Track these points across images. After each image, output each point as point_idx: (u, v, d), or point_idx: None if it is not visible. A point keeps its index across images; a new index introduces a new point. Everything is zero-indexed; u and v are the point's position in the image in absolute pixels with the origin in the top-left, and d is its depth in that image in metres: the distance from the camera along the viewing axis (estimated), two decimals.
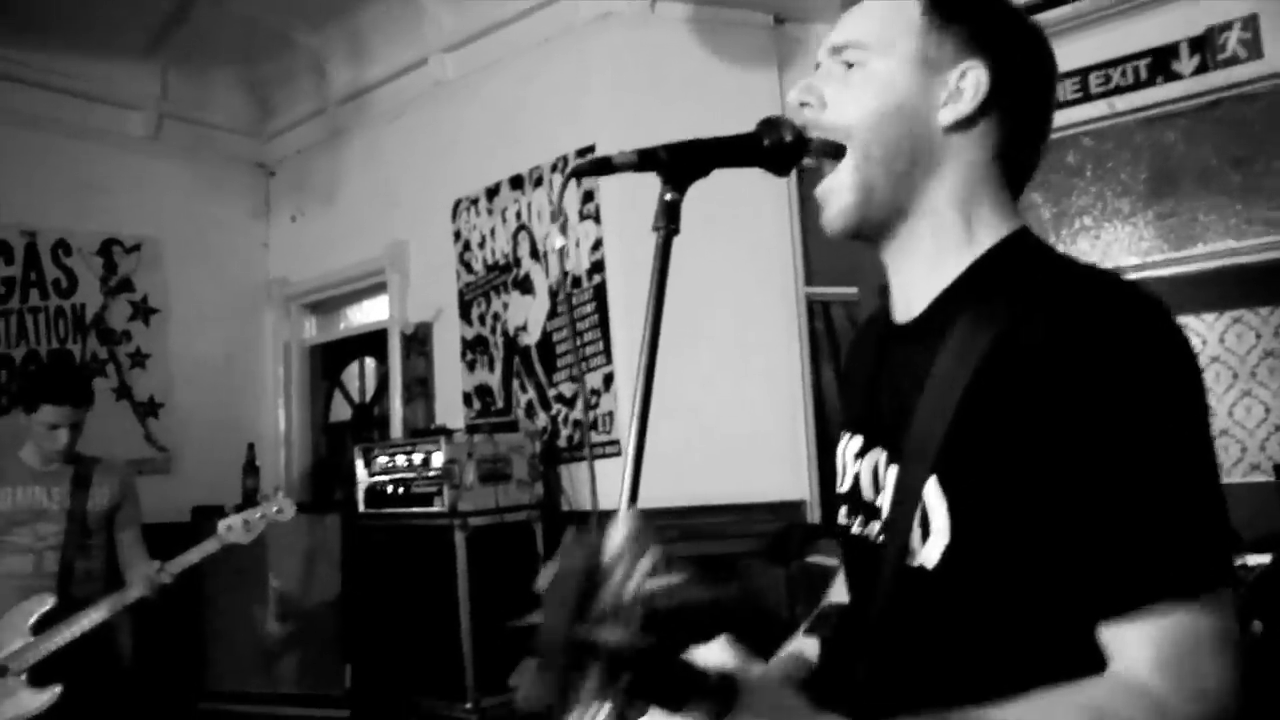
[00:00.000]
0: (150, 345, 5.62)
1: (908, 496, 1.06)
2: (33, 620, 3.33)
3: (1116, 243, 4.03)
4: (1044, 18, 3.81)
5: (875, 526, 1.16)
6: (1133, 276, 4.03)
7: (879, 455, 1.18)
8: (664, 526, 3.85)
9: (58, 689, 3.30)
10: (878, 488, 1.17)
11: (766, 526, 4.00)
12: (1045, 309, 1.00)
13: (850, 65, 1.16)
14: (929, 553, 1.04)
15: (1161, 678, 0.90)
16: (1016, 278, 1.08)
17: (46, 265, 5.31)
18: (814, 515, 4.23)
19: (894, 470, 1.12)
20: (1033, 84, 1.17)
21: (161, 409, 5.61)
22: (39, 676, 3.30)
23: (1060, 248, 4.28)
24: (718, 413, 4.11)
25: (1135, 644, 0.92)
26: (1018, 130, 1.16)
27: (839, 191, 1.16)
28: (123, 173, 5.58)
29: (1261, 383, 5.60)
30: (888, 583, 1.08)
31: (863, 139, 1.13)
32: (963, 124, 1.13)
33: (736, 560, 3.90)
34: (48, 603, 3.36)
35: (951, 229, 1.15)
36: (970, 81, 1.12)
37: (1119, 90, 3.83)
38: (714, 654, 0.93)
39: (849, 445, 1.27)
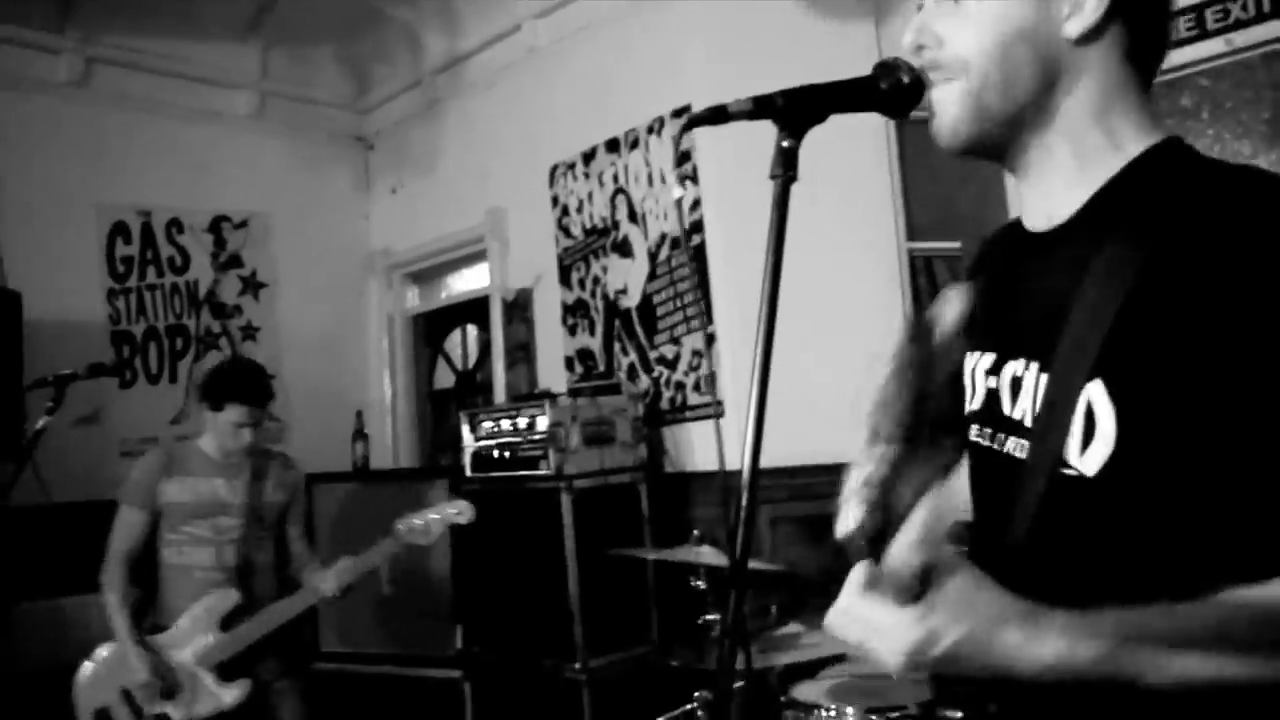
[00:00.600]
0: (260, 318, 5.79)
1: (1064, 403, 1.02)
2: (221, 616, 3.36)
3: None
4: None
5: (1014, 441, 1.12)
6: None
7: (1019, 367, 1.13)
8: (772, 486, 3.85)
9: (248, 683, 3.35)
10: (1016, 398, 1.13)
11: None
12: (1211, 212, 0.96)
13: None
14: (1088, 461, 1.00)
15: None
16: (1175, 183, 1.03)
17: (161, 243, 5.50)
18: None
19: (1044, 379, 1.07)
20: None
21: (273, 380, 5.74)
22: (226, 672, 3.35)
23: None
24: (822, 371, 4.06)
25: None
26: (1144, 26, 1.11)
27: (949, 104, 1.12)
28: (229, 151, 5.74)
29: None
30: (1038, 493, 1.04)
31: (981, 67, 1.09)
32: (1091, 34, 1.08)
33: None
34: (233, 598, 3.39)
35: (1092, 140, 1.10)
36: None
37: (1238, 25, 3.65)
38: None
39: (979, 363, 1.22)
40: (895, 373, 0.81)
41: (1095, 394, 0.99)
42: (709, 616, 2.94)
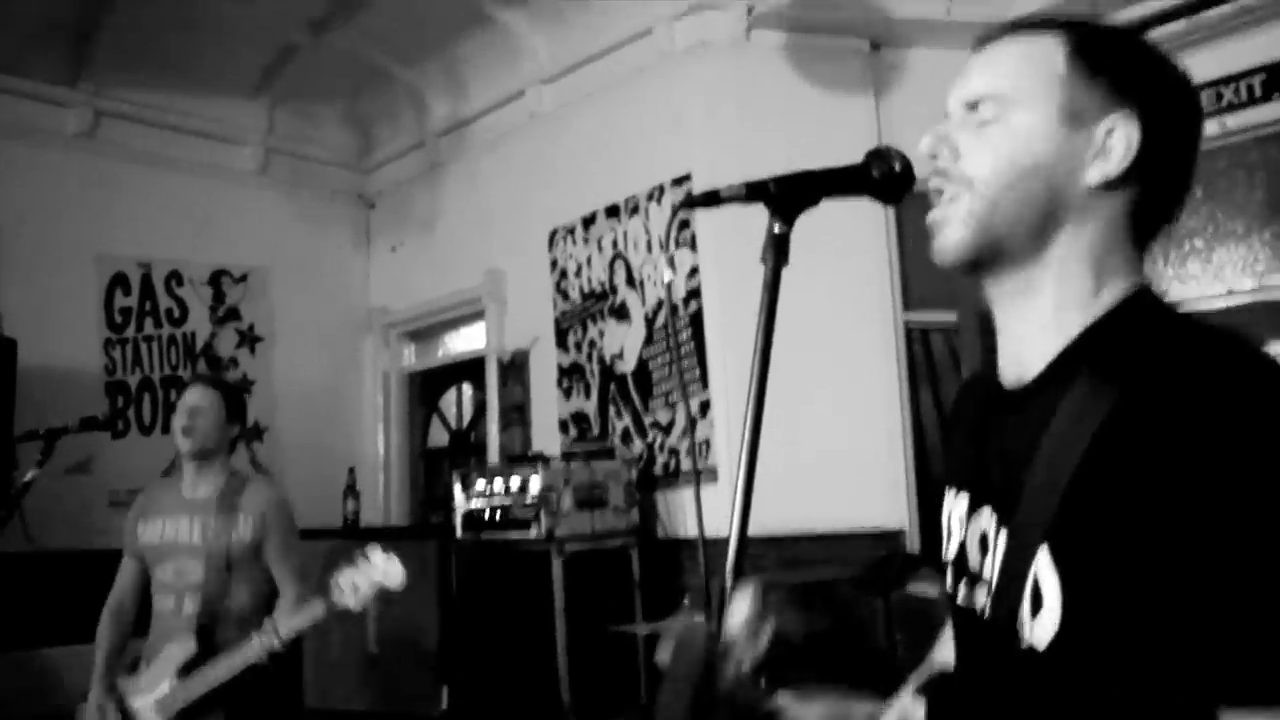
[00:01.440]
0: (256, 372, 5.80)
1: (1018, 569, 1.01)
2: (178, 665, 3.20)
3: (1229, 264, 3.90)
4: (1153, 35, 3.73)
5: (982, 597, 1.11)
6: (1248, 300, 3.86)
7: (988, 520, 1.13)
8: (761, 555, 3.83)
9: None
10: (984, 554, 1.12)
11: (865, 555, 3.94)
12: (1168, 378, 0.94)
13: (986, 117, 1.10)
14: (1039, 633, 0.99)
15: None
16: (1137, 342, 1.02)
17: (160, 295, 5.52)
18: (913, 544, 4.16)
19: (1004, 538, 1.07)
20: (1182, 140, 1.10)
21: (266, 433, 5.77)
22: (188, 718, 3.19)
23: (1170, 271, 4.12)
24: (816, 440, 4.07)
25: None
26: (1160, 188, 1.09)
27: (952, 224, 1.10)
28: (231, 206, 5.79)
29: None
30: (996, 665, 1.04)
31: (990, 192, 1.08)
32: (1110, 184, 1.06)
33: (834, 589, 3.85)
34: (189, 648, 3.20)
35: (1077, 283, 1.09)
36: (1119, 139, 1.05)
37: (1231, 108, 3.72)
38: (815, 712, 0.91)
39: (956, 505, 1.22)
40: (672, 682, 0.79)
41: (1042, 563, 0.99)
42: None
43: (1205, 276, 3.90)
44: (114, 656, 3.35)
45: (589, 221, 4.91)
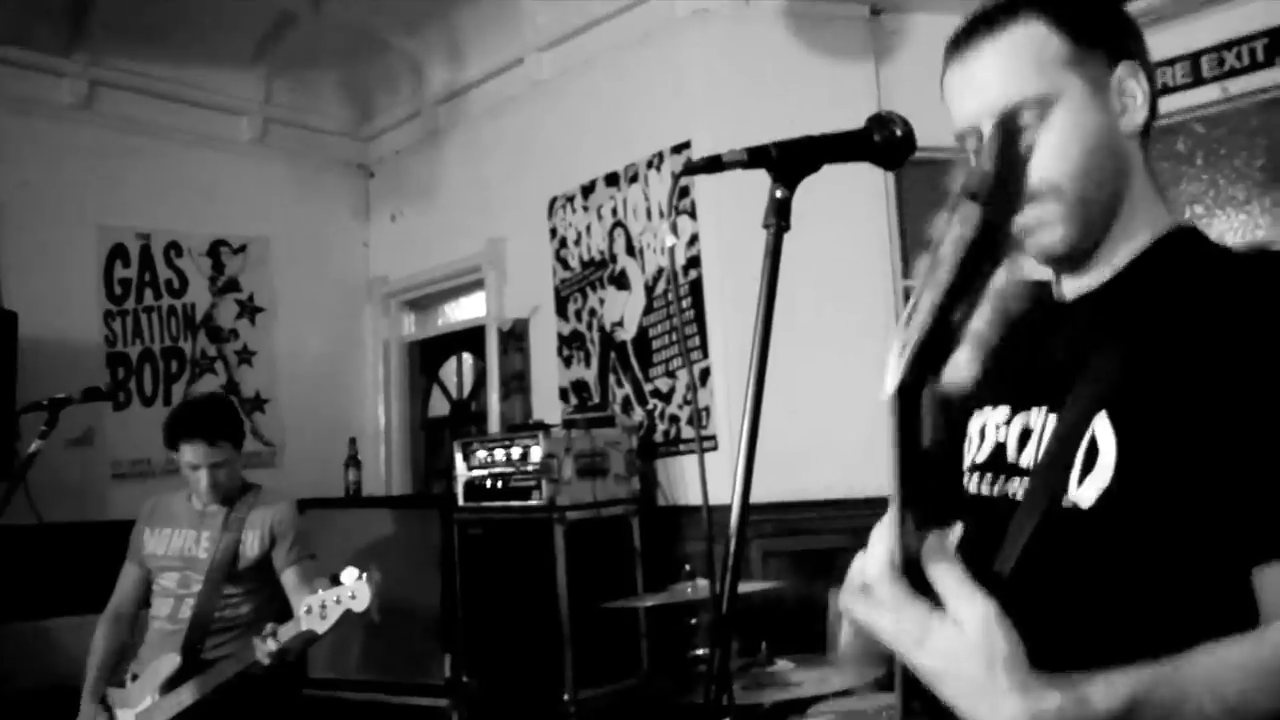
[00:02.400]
0: (256, 343, 5.80)
1: (1069, 439, 1.06)
2: (161, 680, 3.17)
3: (1230, 231, 3.89)
4: (1157, 2, 3.70)
5: (1016, 482, 1.15)
6: None
7: (1032, 415, 1.17)
8: (762, 521, 3.85)
9: None
10: (1023, 447, 1.16)
11: (865, 522, 3.94)
12: (1220, 283, 1.04)
13: (1029, 121, 1.12)
14: (1085, 492, 1.03)
15: None
16: (1196, 258, 1.12)
17: (160, 266, 5.51)
18: None
19: (1052, 419, 1.12)
20: (1152, 64, 1.20)
21: (267, 404, 5.78)
22: None
23: None
24: (816, 407, 4.08)
25: None
26: (1153, 111, 1.19)
27: (1051, 225, 1.13)
28: (230, 176, 5.77)
29: None
30: (1031, 526, 1.06)
31: (1076, 186, 1.12)
32: (1141, 127, 1.16)
33: (835, 556, 3.86)
34: (174, 662, 3.18)
35: (1137, 219, 1.16)
36: (1134, 87, 1.15)
37: (1233, 73, 3.70)
38: None
39: (991, 416, 1.25)
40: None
41: (1100, 427, 1.03)
42: (698, 651, 2.94)
43: None
44: (107, 666, 3.34)
45: (588, 189, 4.90)
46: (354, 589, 3.08)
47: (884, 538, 0.89)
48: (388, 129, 6.24)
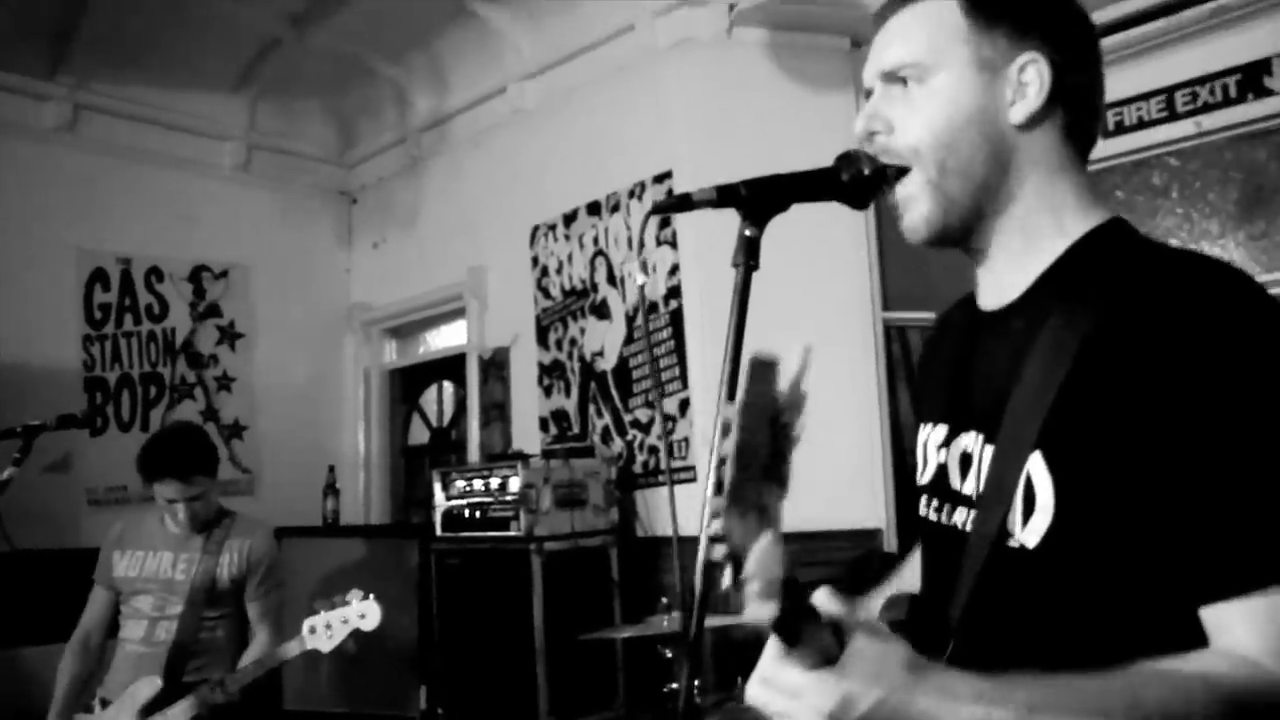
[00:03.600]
0: (236, 369, 5.77)
1: (1007, 474, 1.05)
2: (140, 704, 3.14)
3: None
4: (1128, 36, 3.75)
5: (963, 513, 1.15)
6: None
7: (969, 439, 1.17)
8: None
9: None
10: (966, 474, 1.16)
11: (843, 554, 3.95)
12: (1148, 292, 1.00)
13: (906, 84, 1.15)
14: (1029, 533, 1.03)
15: (1270, 657, 0.89)
16: (1115, 264, 1.07)
17: (140, 291, 5.48)
18: (891, 543, 4.17)
19: (989, 450, 1.11)
20: (1087, 57, 1.17)
21: (246, 431, 5.74)
22: None
23: None
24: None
25: (1242, 624, 0.91)
26: (1082, 107, 1.16)
27: (916, 199, 1.15)
28: (213, 202, 5.76)
29: None
30: (979, 565, 1.06)
31: (935, 155, 1.13)
32: (1034, 119, 1.13)
33: (812, 589, 3.85)
34: (155, 686, 3.15)
35: (1039, 221, 1.15)
36: (1032, 75, 1.12)
37: (1207, 108, 3.74)
38: (821, 600, 0.93)
39: (932, 434, 1.26)
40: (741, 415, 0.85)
41: (1035, 466, 1.03)
42: (675, 684, 2.92)
43: None
44: (74, 693, 3.30)
45: (570, 218, 4.90)
46: (363, 609, 3.16)
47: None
48: (371, 156, 6.25)
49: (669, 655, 2.93)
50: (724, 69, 4.44)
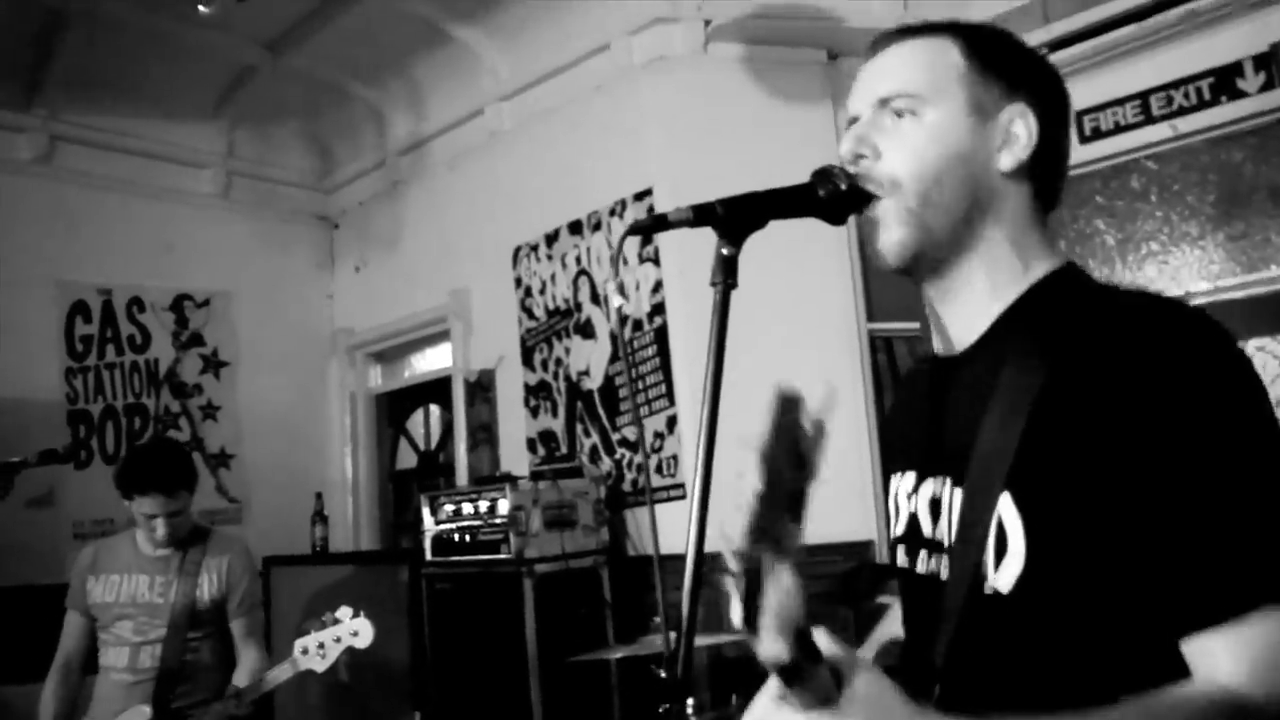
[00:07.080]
0: (221, 398, 5.73)
1: (978, 516, 1.06)
2: None
3: (1185, 267, 3.94)
4: (1102, 41, 3.78)
5: (937, 560, 1.15)
6: (1204, 301, 3.90)
7: (938, 485, 1.17)
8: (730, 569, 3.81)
9: None
10: (937, 519, 1.16)
11: (834, 567, 3.94)
12: (1105, 333, 1.02)
13: (900, 115, 1.17)
14: (1002, 578, 1.03)
15: (1254, 685, 0.89)
16: (1072, 306, 1.09)
17: (122, 322, 5.45)
18: (882, 555, 4.15)
19: (958, 494, 1.11)
20: (1063, 121, 1.22)
21: (232, 460, 5.71)
22: None
23: (1127, 274, 4.14)
24: None
25: (1224, 654, 0.91)
26: (1054, 167, 1.21)
27: (891, 224, 1.16)
28: (193, 230, 5.73)
29: None
30: (957, 611, 1.07)
31: (918, 187, 1.14)
32: (1019, 169, 1.16)
33: (806, 603, 3.84)
34: (146, 715, 3.12)
35: (1006, 263, 1.17)
36: (1023, 127, 1.16)
37: (1182, 111, 3.76)
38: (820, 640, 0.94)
39: (901, 484, 1.27)
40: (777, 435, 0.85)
41: (1005, 510, 1.03)
42: (669, 705, 2.90)
43: (1162, 279, 3.93)
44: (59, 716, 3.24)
45: (552, 238, 4.90)
46: (355, 626, 3.16)
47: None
48: (351, 180, 6.24)
49: (663, 675, 2.91)
50: (701, 84, 4.45)
